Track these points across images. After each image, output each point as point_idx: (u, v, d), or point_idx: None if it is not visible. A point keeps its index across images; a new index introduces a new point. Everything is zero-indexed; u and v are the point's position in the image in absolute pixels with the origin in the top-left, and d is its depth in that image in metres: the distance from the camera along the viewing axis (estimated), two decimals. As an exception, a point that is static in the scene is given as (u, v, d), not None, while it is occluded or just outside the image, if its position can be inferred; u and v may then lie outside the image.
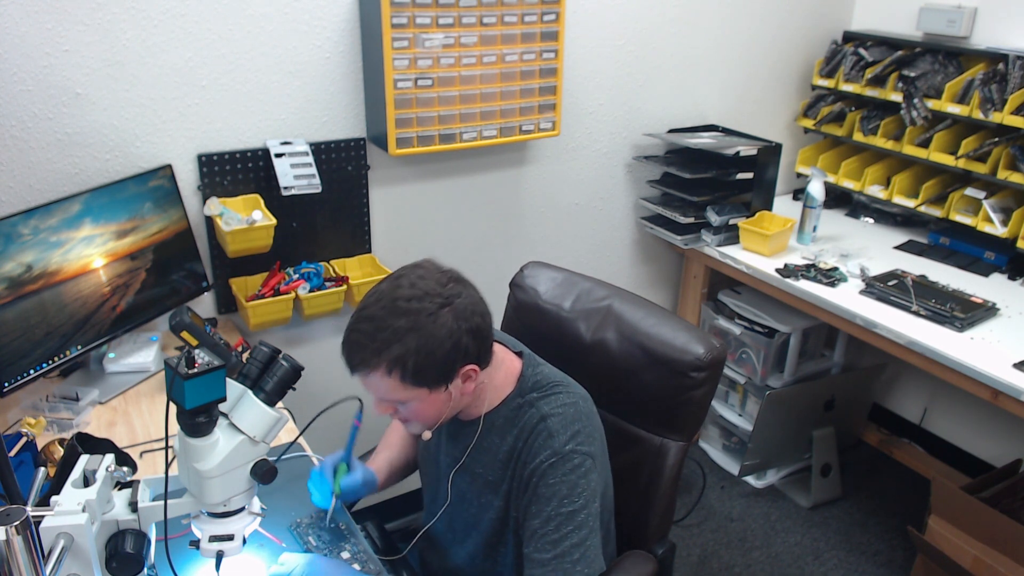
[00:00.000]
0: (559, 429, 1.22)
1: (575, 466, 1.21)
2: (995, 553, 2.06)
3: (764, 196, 2.60)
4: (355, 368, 1.17)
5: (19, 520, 0.78)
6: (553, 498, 1.19)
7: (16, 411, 1.65)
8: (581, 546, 1.18)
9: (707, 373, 1.43)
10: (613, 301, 1.56)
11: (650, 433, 1.51)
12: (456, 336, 1.15)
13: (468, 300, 1.19)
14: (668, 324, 1.49)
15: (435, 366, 1.15)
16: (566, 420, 1.24)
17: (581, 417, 1.26)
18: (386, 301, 1.15)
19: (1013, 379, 1.87)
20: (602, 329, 1.54)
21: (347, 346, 1.17)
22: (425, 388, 1.17)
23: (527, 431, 1.24)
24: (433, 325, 1.13)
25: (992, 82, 2.35)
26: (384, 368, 1.14)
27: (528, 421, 1.25)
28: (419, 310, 1.13)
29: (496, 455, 1.28)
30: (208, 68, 1.88)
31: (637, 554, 1.45)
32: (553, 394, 1.28)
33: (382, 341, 1.13)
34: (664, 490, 1.49)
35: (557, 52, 2.19)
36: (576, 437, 1.23)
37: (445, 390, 1.19)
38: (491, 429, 1.29)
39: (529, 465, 1.22)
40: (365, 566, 1.29)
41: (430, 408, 1.20)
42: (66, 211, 1.62)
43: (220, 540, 1.09)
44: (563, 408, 1.25)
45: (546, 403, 1.26)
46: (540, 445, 1.22)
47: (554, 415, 1.24)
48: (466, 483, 1.34)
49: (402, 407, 1.20)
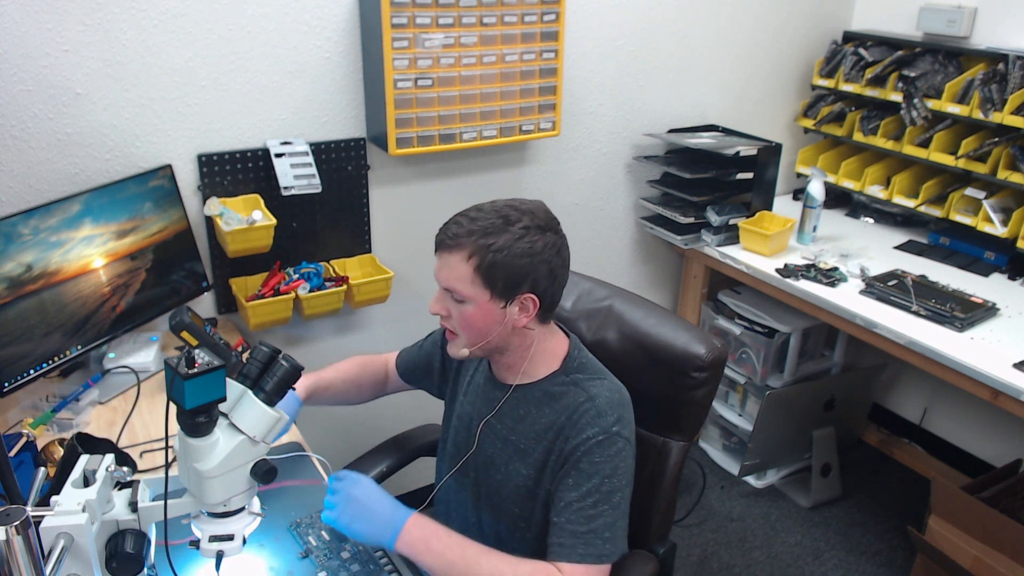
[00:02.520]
0: (607, 410, 1.27)
1: (619, 449, 1.25)
2: (995, 553, 2.06)
3: (764, 196, 2.60)
4: (443, 244, 1.25)
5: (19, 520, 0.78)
6: (595, 475, 1.23)
7: (16, 411, 1.65)
8: (613, 526, 1.22)
9: (708, 373, 1.44)
10: (614, 301, 1.57)
11: (651, 433, 1.51)
12: (538, 258, 1.23)
13: (560, 245, 1.28)
14: (669, 324, 1.50)
15: (507, 272, 1.21)
16: (613, 403, 1.29)
17: (625, 404, 1.32)
18: (498, 205, 1.26)
19: (1013, 379, 1.87)
20: (603, 329, 1.55)
21: (446, 225, 1.26)
22: (488, 291, 1.23)
23: (572, 408, 1.28)
24: (524, 238, 1.22)
25: (992, 82, 2.35)
26: (467, 251, 1.22)
27: (574, 399, 1.29)
28: (518, 221, 1.23)
29: (532, 426, 1.31)
30: (208, 68, 1.88)
31: (638, 554, 1.45)
32: (599, 379, 1.33)
33: (479, 228, 1.22)
34: (665, 490, 1.50)
35: (557, 52, 2.19)
36: (621, 421, 1.27)
37: (503, 307, 1.24)
38: (529, 400, 1.33)
39: (573, 439, 1.26)
40: (365, 566, 1.29)
41: (481, 319, 1.25)
42: (66, 211, 1.62)
43: (220, 540, 1.09)
44: (610, 393, 1.30)
45: (593, 385, 1.31)
46: (588, 422, 1.26)
47: (602, 396, 1.29)
48: (496, 447, 1.36)
49: (457, 308, 1.26)
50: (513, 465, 1.33)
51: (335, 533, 1.35)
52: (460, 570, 1.18)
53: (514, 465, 1.33)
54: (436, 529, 1.22)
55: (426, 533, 1.20)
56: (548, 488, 1.29)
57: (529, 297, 1.25)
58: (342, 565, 1.29)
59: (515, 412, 1.34)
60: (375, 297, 2.13)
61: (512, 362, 1.34)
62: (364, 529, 1.21)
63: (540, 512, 1.31)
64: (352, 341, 2.34)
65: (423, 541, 1.20)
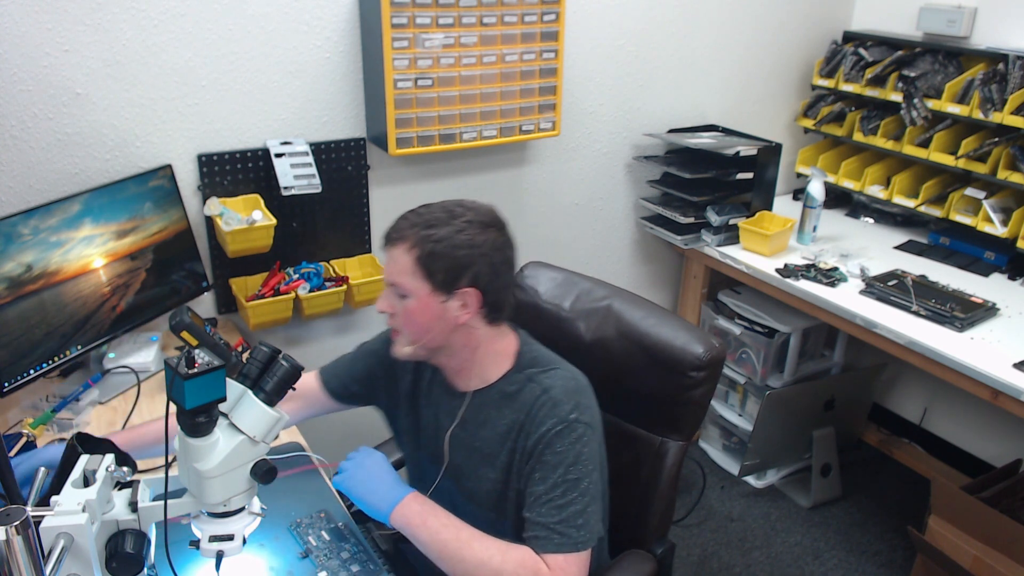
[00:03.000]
0: (563, 399, 1.27)
1: (580, 435, 1.25)
2: (995, 553, 2.06)
3: (764, 196, 2.60)
4: (388, 238, 1.27)
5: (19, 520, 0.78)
6: (560, 465, 1.23)
7: (16, 411, 1.65)
8: (584, 512, 1.22)
9: (706, 372, 1.43)
10: (613, 301, 1.57)
11: (650, 432, 1.51)
12: (478, 251, 1.24)
13: (504, 244, 1.28)
14: (668, 324, 1.49)
15: (447, 262, 1.22)
16: (568, 391, 1.28)
17: (581, 389, 1.31)
18: (446, 202, 1.29)
19: (1013, 379, 1.87)
20: (602, 329, 1.54)
21: (399, 217, 1.28)
22: (428, 283, 1.23)
23: (529, 403, 1.28)
24: (465, 231, 1.24)
25: (992, 82, 2.35)
26: (409, 242, 1.24)
27: (530, 395, 1.29)
28: (462, 215, 1.25)
29: (495, 429, 1.31)
30: (208, 68, 1.88)
31: (636, 553, 1.45)
32: (552, 369, 1.32)
33: (422, 221, 1.25)
34: (664, 489, 1.49)
35: (557, 52, 2.19)
36: (579, 407, 1.27)
37: (443, 301, 1.24)
38: (488, 403, 1.33)
39: (534, 435, 1.26)
40: (365, 566, 1.29)
41: (422, 313, 1.25)
42: (66, 211, 1.62)
43: (220, 540, 1.09)
44: (563, 381, 1.30)
45: (546, 377, 1.30)
46: (545, 415, 1.26)
47: (556, 387, 1.28)
48: (463, 456, 1.36)
49: (400, 304, 1.26)
50: (482, 471, 1.32)
51: (335, 533, 1.36)
52: (452, 550, 1.20)
53: (483, 471, 1.32)
54: (434, 508, 1.24)
55: (424, 510, 1.23)
56: (517, 487, 1.29)
57: (470, 291, 1.24)
58: (342, 565, 1.29)
59: (476, 418, 1.33)
60: (375, 297, 2.12)
61: (461, 366, 1.33)
62: (365, 497, 1.25)
63: (513, 512, 1.30)
64: (352, 341, 2.31)
65: (420, 516, 1.23)
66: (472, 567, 1.19)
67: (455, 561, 1.20)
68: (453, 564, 1.20)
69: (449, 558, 1.20)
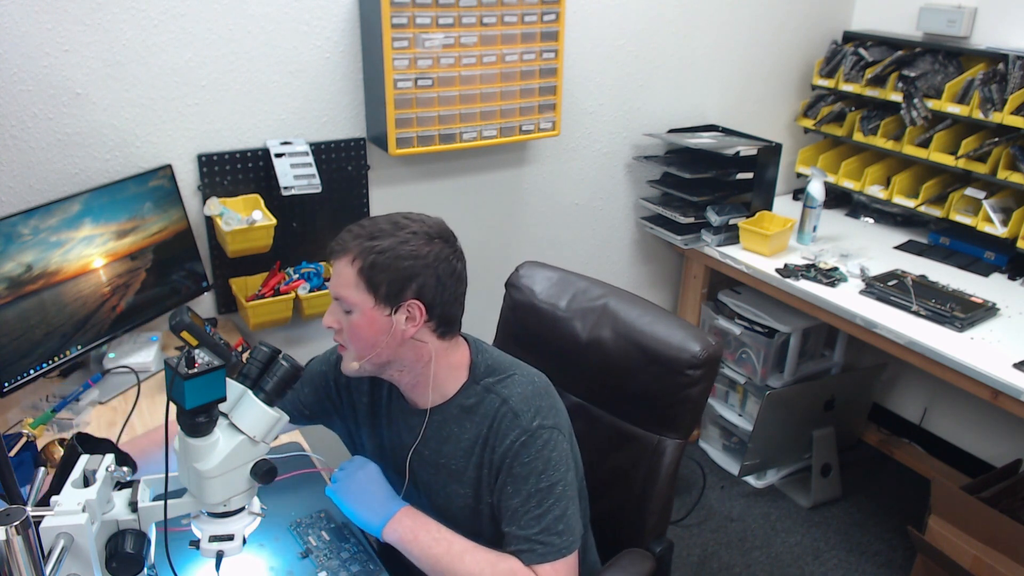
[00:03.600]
0: (523, 408, 1.25)
1: (545, 441, 1.23)
2: (995, 553, 2.06)
3: (764, 196, 2.60)
4: (332, 251, 1.24)
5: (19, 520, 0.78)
6: (530, 476, 1.22)
7: (16, 411, 1.65)
8: (564, 517, 1.22)
9: (703, 370, 1.43)
10: (609, 300, 1.57)
11: (647, 431, 1.51)
12: (422, 263, 1.20)
13: (451, 256, 1.24)
14: (664, 322, 1.49)
15: (390, 274, 1.19)
16: (527, 398, 1.26)
17: (540, 393, 1.29)
18: (393, 215, 1.26)
19: (1013, 379, 1.87)
20: (598, 328, 1.54)
21: (345, 230, 1.25)
22: (372, 296, 1.20)
23: (490, 417, 1.26)
24: (409, 243, 1.21)
25: (992, 82, 2.35)
26: (352, 254, 1.20)
27: (490, 407, 1.27)
28: (407, 227, 1.22)
29: (458, 444, 1.29)
30: (208, 68, 1.88)
31: (634, 552, 1.45)
32: (508, 377, 1.30)
33: (365, 233, 1.22)
34: (661, 488, 1.49)
35: (557, 52, 2.19)
36: (540, 412, 1.25)
37: (388, 315, 1.21)
38: (449, 419, 1.30)
39: (499, 449, 1.24)
40: (365, 566, 1.29)
41: (367, 327, 1.21)
42: (66, 211, 1.62)
43: (220, 540, 1.09)
44: (522, 388, 1.27)
45: (504, 387, 1.28)
46: (508, 427, 1.24)
47: (514, 396, 1.26)
48: (430, 474, 1.33)
49: (346, 320, 1.23)
50: (451, 488, 1.31)
51: (335, 533, 1.36)
52: (444, 565, 1.20)
53: (452, 487, 1.31)
54: (426, 522, 1.23)
55: (416, 525, 1.23)
56: (490, 502, 1.27)
57: (415, 304, 1.20)
58: (342, 565, 1.29)
59: (438, 435, 1.31)
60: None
61: (415, 381, 1.29)
62: (358, 510, 1.24)
63: (488, 526, 1.29)
64: (352, 341, 2.34)
65: (412, 531, 1.22)
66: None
67: (447, 574, 1.20)
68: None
69: (442, 572, 1.20)
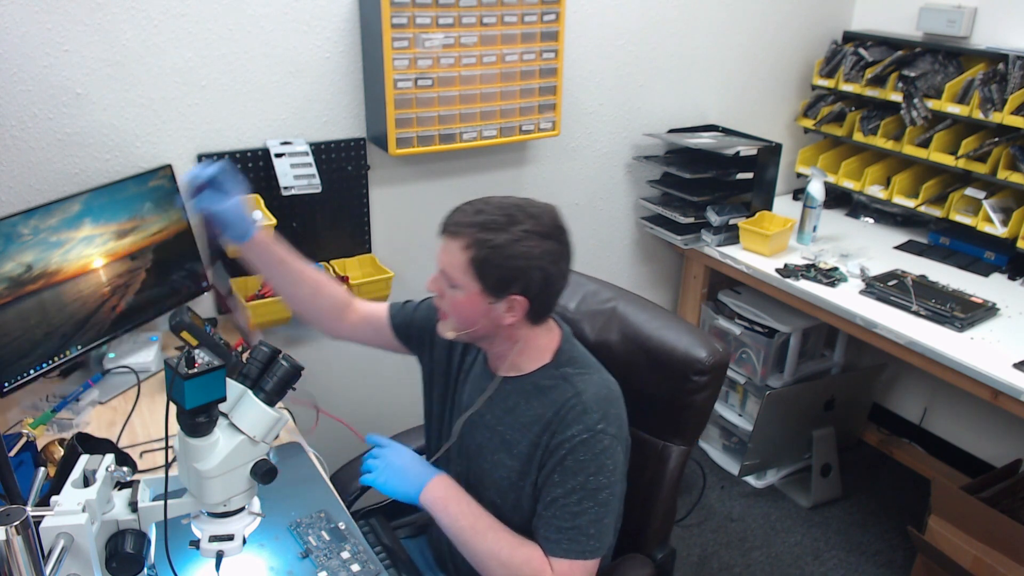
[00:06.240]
0: (593, 407, 1.26)
1: (605, 447, 1.25)
2: (995, 553, 2.06)
3: (764, 196, 2.60)
4: (446, 229, 1.27)
5: (19, 520, 0.78)
6: (580, 473, 1.24)
7: (16, 411, 1.65)
8: (598, 523, 1.24)
9: (709, 377, 1.43)
10: (618, 303, 1.57)
11: (652, 436, 1.50)
12: (533, 263, 1.23)
13: (560, 255, 1.27)
14: (672, 327, 1.49)
15: (500, 270, 1.23)
16: (599, 399, 1.28)
17: (612, 400, 1.31)
18: (508, 201, 1.27)
19: (1013, 379, 1.87)
20: (606, 331, 1.54)
21: (453, 211, 1.28)
22: (479, 284, 1.24)
23: (560, 403, 1.28)
24: (522, 241, 1.22)
25: (992, 82, 2.35)
26: (465, 241, 1.23)
27: (562, 394, 1.28)
28: (521, 223, 1.23)
29: (519, 418, 1.31)
30: (208, 68, 1.88)
31: (635, 558, 1.45)
32: (588, 373, 1.32)
33: (481, 221, 1.23)
34: (665, 494, 1.49)
35: (557, 52, 2.19)
36: (607, 418, 1.27)
37: (491, 303, 1.25)
38: (519, 392, 1.33)
39: (558, 436, 1.26)
40: (365, 566, 1.29)
41: (469, 309, 1.27)
42: (66, 211, 1.62)
43: (220, 540, 1.09)
44: (596, 389, 1.30)
45: (582, 380, 1.30)
46: (573, 419, 1.26)
47: (588, 392, 1.28)
48: (484, 437, 1.36)
49: (450, 292, 1.28)
50: (498, 456, 1.33)
51: (335, 533, 1.36)
52: (467, 537, 1.27)
53: (499, 456, 1.33)
54: (458, 494, 1.31)
55: (448, 495, 1.30)
56: (534, 481, 1.29)
57: (518, 299, 1.24)
58: (342, 565, 1.29)
59: (504, 403, 1.34)
60: (375, 297, 2.13)
61: (501, 353, 1.34)
62: (397, 485, 1.32)
63: (528, 502, 1.30)
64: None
65: (443, 500, 1.30)
66: (483, 557, 1.26)
67: (468, 548, 1.27)
68: (466, 550, 1.28)
69: (464, 544, 1.28)
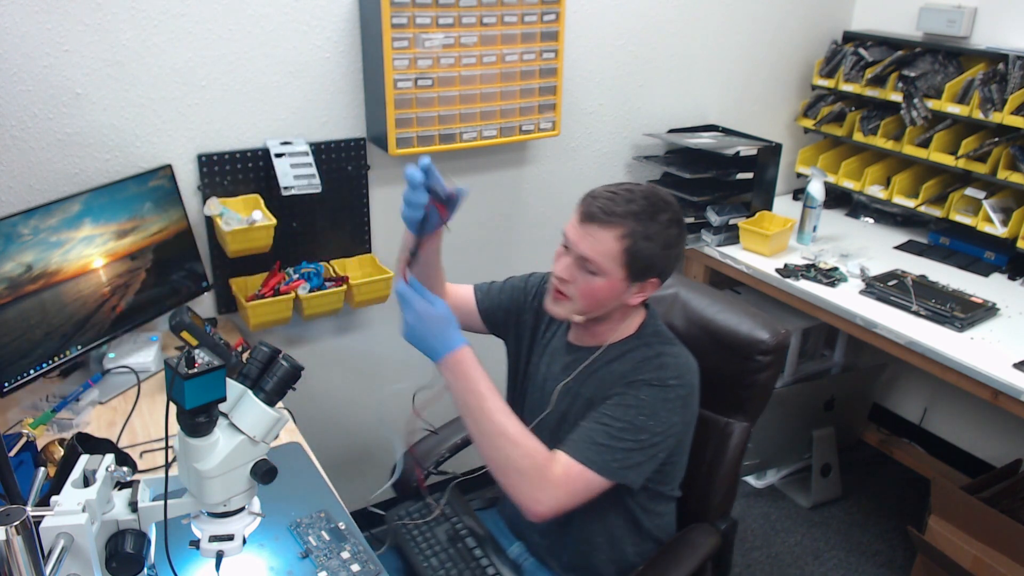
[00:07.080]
0: (671, 366, 1.32)
1: (667, 399, 1.28)
2: (995, 553, 2.06)
3: (764, 196, 2.60)
4: (596, 217, 1.25)
5: (19, 520, 0.78)
6: (633, 407, 1.27)
7: (16, 411, 1.65)
8: (626, 456, 1.25)
9: (772, 357, 1.52)
10: (679, 289, 1.68)
11: (715, 414, 1.59)
12: (674, 251, 1.30)
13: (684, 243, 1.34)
14: (732, 311, 1.59)
15: (650, 259, 1.27)
16: (679, 366, 1.33)
17: (692, 370, 1.36)
18: (640, 190, 1.29)
19: (1013, 379, 1.87)
20: (670, 315, 1.65)
21: (596, 197, 1.27)
22: (624, 271, 1.27)
23: (640, 359, 1.33)
24: (669, 230, 1.28)
25: (992, 82, 2.35)
26: (620, 231, 1.25)
27: (644, 353, 1.34)
28: (664, 211, 1.27)
29: (604, 379, 1.35)
30: (208, 68, 1.88)
31: (702, 527, 1.54)
32: (671, 344, 1.38)
33: (632, 212, 1.25)
34: (727, 468, 1.58)
35: (557, 52, 2.19)
36: (681, 380, 1.31)
37: (628, 288, 1.29)
38: (602, 358, 1.37)
39: (630, 377, 1.30)
40: (365, 566, 1.29)
41: (607, 293, 1.29)
42: (66, 211, 1.62)
43: (220, 540, 1.09)
44: (677, 358, 1.35)
45: (664, 347, 1.36)
46: (649, 368, 1.30)
47: (669, 355, 1.34)
48: (568, 404, 1.40)
49: (585, 278, 1.28)
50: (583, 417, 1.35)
51: (335, 533, 1.36)
52: (473, 413, 1.23)
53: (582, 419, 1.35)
54: (476, 370, 1.24)
55: (465, 367, 1.23)
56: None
57: (653, 282, 1.31)
58: (342, 565, 1.29)
59: (589, 369, 1.38)
60: (375, 297, 2.13)
61: (599, 330, 1.38)
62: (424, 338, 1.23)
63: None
64: (352, 341, 2.34)
65: (461, 370, 1.23)
66: (492, 434, 1.22)
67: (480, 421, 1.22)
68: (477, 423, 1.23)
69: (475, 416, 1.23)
